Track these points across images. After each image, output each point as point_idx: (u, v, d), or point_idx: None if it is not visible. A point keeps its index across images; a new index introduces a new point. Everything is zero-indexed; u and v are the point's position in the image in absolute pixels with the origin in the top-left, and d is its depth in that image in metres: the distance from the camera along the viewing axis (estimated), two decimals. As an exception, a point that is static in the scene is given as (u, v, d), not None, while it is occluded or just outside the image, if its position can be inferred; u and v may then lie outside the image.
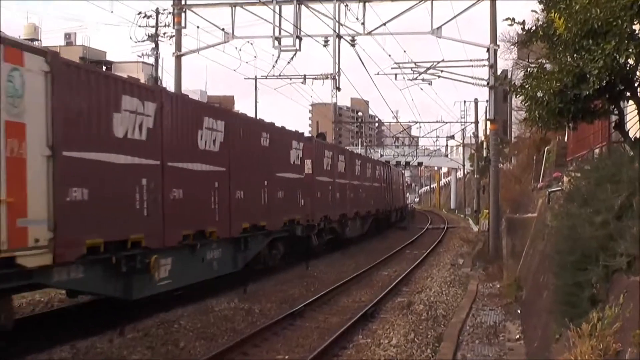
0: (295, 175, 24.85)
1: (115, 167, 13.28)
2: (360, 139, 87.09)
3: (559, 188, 15.09)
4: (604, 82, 8.71)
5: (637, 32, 8.66)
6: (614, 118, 10.69)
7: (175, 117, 15.72)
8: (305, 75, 33.63)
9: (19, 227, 10.66)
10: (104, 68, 66.38)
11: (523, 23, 9.89)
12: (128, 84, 14.30)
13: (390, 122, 76.64)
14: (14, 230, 10.51)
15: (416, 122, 67.89)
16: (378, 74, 33.03)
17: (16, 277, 10.88)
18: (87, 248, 12.32)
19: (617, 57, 8.54)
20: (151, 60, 42.90)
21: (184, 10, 26.11)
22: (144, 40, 41.78)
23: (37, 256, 11.03)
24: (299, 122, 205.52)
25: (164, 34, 41.55)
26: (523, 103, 10.15)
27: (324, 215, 28.85)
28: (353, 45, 26.69)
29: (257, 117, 21.47)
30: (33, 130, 11.05)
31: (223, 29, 26.53)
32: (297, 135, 26.00)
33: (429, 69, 31.00)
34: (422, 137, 74.67)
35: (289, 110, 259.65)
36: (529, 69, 10.13)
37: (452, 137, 74.41)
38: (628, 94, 9.46)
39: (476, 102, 55.05)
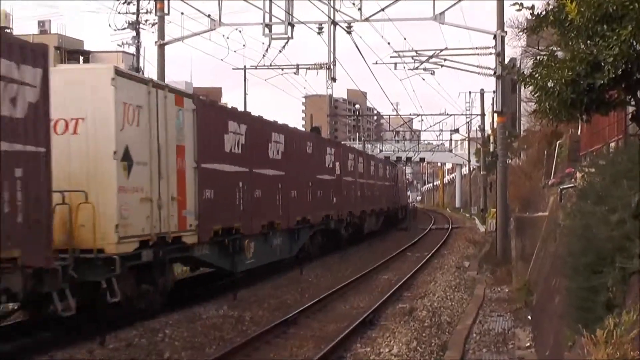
0: (329, 176, 31.62)
1: (226, 174, 19.65)
2: (357, 133, 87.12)
3: (572, 185, 15.13)
4: (620, 70, 8.72)
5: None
6: (630, 109, 10.71)
7: (256, 134, 22.16)
8: (298, 65, 33.54)
9: (183, 216, 17.01)
10: (81, 58, 66.29)
11: (532, 8, 9.90)
12: (231, 112, 22.18)
13: (389, 115, 76.67)
14: (180, 218, 16.90)
15: (418, 115, 67.52)
16: (376, 63, 33.11)
17: (180, 250, 17.17)
18: (213, 232, 18.42)
19: (634, 43, 8.55)
20: (132, 49, 42.79)
21: (167, -5, 26.03)
22: (124, 28, 41.58)
23: (190, 236, 17.40)
24: (291, 115, 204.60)
25: (146, 21, 41.41)
26: (533, 94, 10.15)
27: (349, 211, 35.26)
28: (349, 33, 26.68)
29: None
30: (188, 150, 17.44)
31: (209, 16, 26.49)
32: (330, 142, 34.29)
33: (431, 57, 30.96)
34: (424, 131, 75.20)
35: (281, 103, 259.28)
36: (539, 57, 10.11)
37: (457, 130, 74.37)
38: (645, 83, 9.47)
39: (482, 93, 55.09)
